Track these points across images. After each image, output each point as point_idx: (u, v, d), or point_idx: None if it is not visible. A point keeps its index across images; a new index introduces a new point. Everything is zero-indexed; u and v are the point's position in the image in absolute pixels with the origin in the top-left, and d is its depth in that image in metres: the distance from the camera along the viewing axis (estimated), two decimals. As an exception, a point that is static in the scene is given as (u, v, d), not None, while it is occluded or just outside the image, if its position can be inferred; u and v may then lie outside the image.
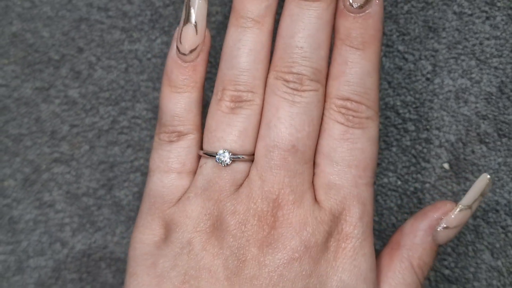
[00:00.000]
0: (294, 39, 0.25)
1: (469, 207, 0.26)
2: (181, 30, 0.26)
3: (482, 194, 0.26)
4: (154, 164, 0.27)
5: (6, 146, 0.33)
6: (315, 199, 0.25)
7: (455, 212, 0.26)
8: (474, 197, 0.26)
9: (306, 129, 0.25)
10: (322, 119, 0.25)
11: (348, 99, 0.25)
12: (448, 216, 0.26)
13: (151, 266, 0.25)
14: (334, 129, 0.25)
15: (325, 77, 0.25)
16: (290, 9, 0.25)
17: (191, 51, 0.26)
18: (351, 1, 0.25)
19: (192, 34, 0.26)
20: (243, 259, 0.24)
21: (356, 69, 0.25)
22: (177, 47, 0.26)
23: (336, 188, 0.25)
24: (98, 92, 0.33)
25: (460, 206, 0.26)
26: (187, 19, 0.26)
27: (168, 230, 0.26)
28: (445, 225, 0.26)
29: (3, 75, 0.33)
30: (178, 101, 0.26)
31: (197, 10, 0.25)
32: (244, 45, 0.25)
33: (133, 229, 0.27)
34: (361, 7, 0.24)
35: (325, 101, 0.26)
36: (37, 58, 0.33)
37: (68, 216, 0.32)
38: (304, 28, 0.25)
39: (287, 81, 0.25)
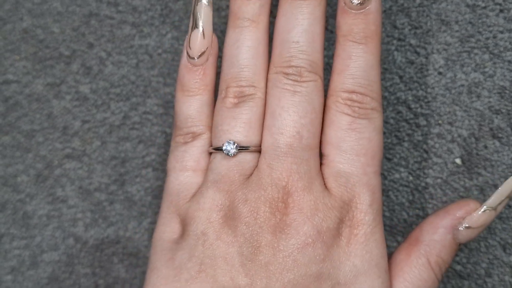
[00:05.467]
0: (290, 35, 0.26)
1: (494, 208, 0.26)
2: (190, 36, 0.27)
3: (509, 197, 0.26)
4: (170, 164, 0.28)
5: (19, 142, 0.33)
6: (325, 187, 0.26)
7: (479, 213, 0.26)
8: (500, 199, 0.26)
9: (309, 116, 0.26)
10: (328, 112, 0.27)
11: (353, 92, 0.26)
12: (471, 216, 0.26)
13: (169, 260, 0.26)
14: (341, 120, 0.26)
15: (322, 68, 0.27)
16: (284, 9, 0.27)
17: (200, 55, 0.27)
18: None
19: (200, 39, 0.27)
20: (257, 245, 0.25)
21: (360, 62, 0.26)
22: (187, 53, 0.27)
23: (346, 175, 0.26)
24: (109, 88, 0.33)
25: (484, 207, 0.26)
26: (195, 25, 0.27)
27: (184, 225, 0.26)
28: (467, 225, 0.26)
29: (14, 71, 0.33)
30: (191, 104, 0.28)
31: (203, 16, 0.27)
32: (243, 43, 0.27)
33: (155, 228, 0.28)
34: (361, 3, 0.26)
35: (330, 95, 0.27)
36: (47, 54, 0.33)
37: (80, 211, 0.33)
38: (298, 24, 0.26)
39: (287, 74, 0.26)
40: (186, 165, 0.27)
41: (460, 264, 0.31)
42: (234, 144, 0.26)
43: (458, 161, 0.31)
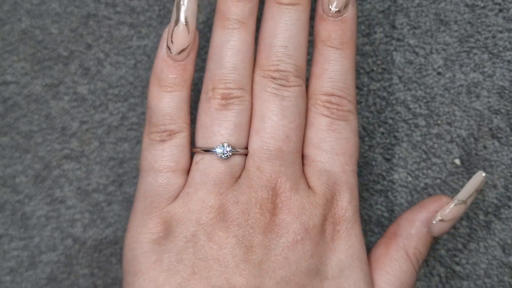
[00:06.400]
0: (278, 39, 0.27)
1: (464, 202, 0.27)
2: (172, 30, 0.26)
3: (477, 191, 0.28)
4: (147, 164, 0.27)
5: (17, 143, 0.33)
6: (308, 186, 0.27)
7: (450, 206, 0.27)
8: (469, 193, 0.27)
9: (297, 120, 0.27)
10: (308, 114, 0.28)
11: (332, 95, 0.27)
12: (443, 210, 0.27)
13: (156, 262, 0.26)
14: (321, 122, 0.27)
15: (305, 73, 0.28)
16: (271, 12, 0.27)
17: (182, 51, 0.27)
18: (330, 6, 0.27)
19: (184, 34, 0.26)
20: (249, 245, 0.25)
21: (337, 67, 0.27)
22: (168, 47, 0.27)
23: (327, 174, 0.27)
24: (107, 89, 0.33)
25: (455, 200, 0.27)
26: (178, 19, 0.26)
27: (168, 227, 0.26)
28: (440, 218, 0.27)
29: (13, 72, 0.33)
30: (170, 100, 0.27)
31: (188, 10, 0.26)
32: (233, 45, 0.27)
33: (127, 230, 0.27)
34: (339, 11, 0.27)
35: (309, 98, 0.28)
36: (46, 54, 0.33)
37: (79, 212, 0.33)
38: (286, 29, 0.27)
39: (274, 78, 0.27)
40: (166, 165, 0.27)
41: (459, 265, 0.31)
42: (228, 147, 0.26)
43: (457, 161, 0.31)
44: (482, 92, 0.31)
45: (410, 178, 0.31)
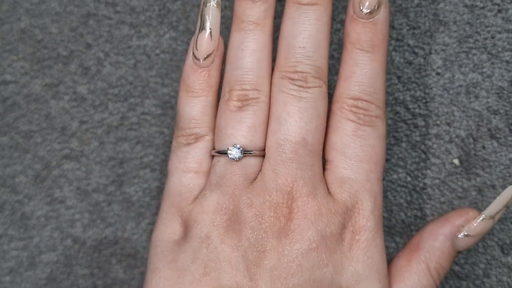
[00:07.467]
0: (296, 40, 0.26)
1: (492, 217, 0.26)
2: (197, 37, 0.27)
3: (507, 206, 0.27)
4: (172, 165, 0.28)
5: (17, 143, 0.33)
6: (328, 192, 0.26)
7: (478, 221, 0.26)
8: (498, 208, 0.26)
9: (315, 122, 0.26)
10: (333, 117, 0.27)
11: (359, 99, 0.26)
12: (470, 224, 0.26)
13: (172, 261, 0.26)
14: (346, 127, 0.26)
15: (326, 74, 0.27)
16: (290, 13, 0.27)
17: (207, 57, 0.27)
18: (361, 8, 0.26)
19: (207, 40, 0.27)
20: (262, 249, 0.25)
21: (366, 70, 0.26)
22: (193, 54, 0.27)
23: (349, 182, 0.26)
24: (107, 88, 0.33)
25: (483, 215, 0.26)
26: (202, 27, 0.27)
27: (186, 227, 0.26)
28: (466, 233, 0.26)
29: (12, 71, 0.33)
30: (195, 104, 0.28)
31: (211, 18, 0.27)
32: (247, 46, 0.27)
33: (154, 228, 0.28)
34: (370, 13, 0.26)
35: (336, 101, 0.27)
36: (45, 54, 0.33)
37: (78, 212, 0.33)
38: (305, 29, 0.26)
39: (292, 79, 0.26)
40: (189, 167, 0.27)
41: (458, 265, 0.31)
42: (239, 149, 0.26)
43: (456, 161, 0.31)
44: (481, 93, 0.31)
45: (409, 178, 0.32)
